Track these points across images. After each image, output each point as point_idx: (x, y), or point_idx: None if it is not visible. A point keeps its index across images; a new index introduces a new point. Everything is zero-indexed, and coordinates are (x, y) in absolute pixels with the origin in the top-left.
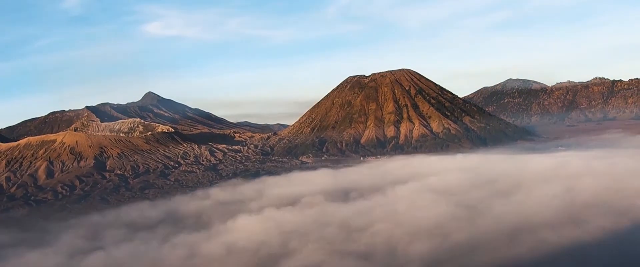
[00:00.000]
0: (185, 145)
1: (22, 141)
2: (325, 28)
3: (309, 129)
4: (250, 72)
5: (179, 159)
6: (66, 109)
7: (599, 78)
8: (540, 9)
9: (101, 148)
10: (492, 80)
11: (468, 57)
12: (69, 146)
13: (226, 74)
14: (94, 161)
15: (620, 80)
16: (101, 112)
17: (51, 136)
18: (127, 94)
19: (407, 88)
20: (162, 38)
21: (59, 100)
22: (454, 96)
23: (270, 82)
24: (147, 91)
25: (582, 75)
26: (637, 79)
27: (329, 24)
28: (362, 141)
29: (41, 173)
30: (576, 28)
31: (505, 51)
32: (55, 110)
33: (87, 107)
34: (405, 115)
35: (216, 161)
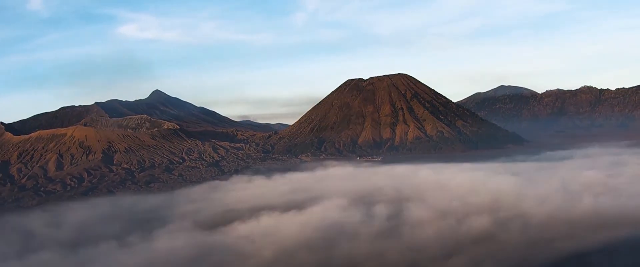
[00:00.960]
0: (189, 141)
1: (34, 134)
2: (301, 34)
3: (309, 129)
4: (242, 75)
5: (183, 155)
6: (76, 105)
7: (587, 86)
8: (515, 18)
9: (109, 143)
10: (484, 86)
11: (435, 64)
12: (78, 139)
13: (225, 75)
14: (102, 155)
15: (608, 89)
16: (110, 108)
17: (61, 130)
18: (136, 91)
19: (403, 92)
20: (139, 40)
21: (61, 96)
22: (448, 101)
23: (256, 82)
24: (154, 89)
25: (571, 83)
26: (623, 88)
27: (304, 29)
28: (359, 141)
29: (51, 165)
30: (563, 36)
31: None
32: (65, 105)
33: (96, 103)
34: (400, 118)
35: (219, 157)
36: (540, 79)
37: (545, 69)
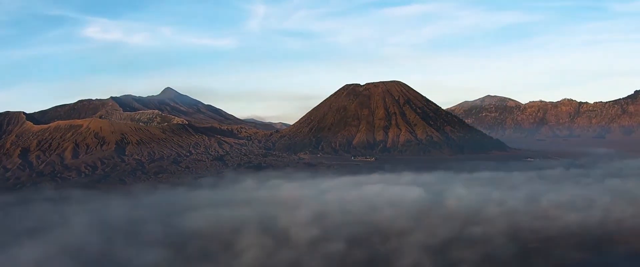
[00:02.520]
0: (196, 136)
1: (53, 124)
2: (262, 39)
3: (308, 129)
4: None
5: (190, 149)
6: (93, 98)
7: (568, 99)
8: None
9: (122, 135)
10: (472, 95)
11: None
12: (93, 131)
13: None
14: (115, 146)
15: (586, 102)
16: (124, 102)
17: (78, 121)
18: (149, 87)
19: (396, 98)
20: (104, 42)
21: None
22: (438, 107)
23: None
24: (166, 87)
25: (553, 95)
26: (601, 102)
27: (264, 35)
28: (354, 142)
29: (68, 154)
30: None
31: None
32: (83, 98)
33: (112, 97)
34: (393, 122)
35: (223, 152)
36: (517, 90)
37: (503, 80)
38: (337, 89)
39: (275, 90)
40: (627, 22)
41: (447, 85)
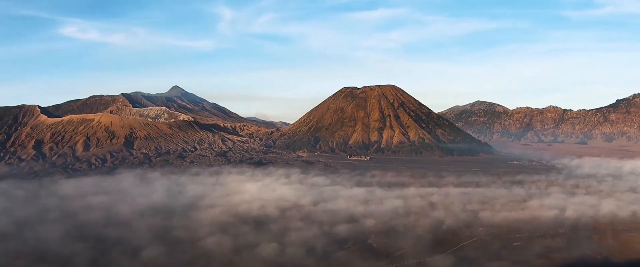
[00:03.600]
0: (201, 133)
1: (66, 118)
2: (236, 41)
3: (307, 128)
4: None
5: (195, 144)
6: (104, 94)
7: (553, 106)
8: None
9: (131, 129)
10: (463, 100)
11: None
12: (104, 125)
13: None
14: (124, 140)
15: (570, 110)
16: (134, 99)
17: (90, 116)
18: (158, 85)
19: (391, 101)
20: (85, 41)
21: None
22: (430, 111)
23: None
24: (173, 85)
25: (539, 102)
26: (584, 110)
27: (237, 38)
28: (350, 142)
29: (79, 146)
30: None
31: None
32: (95, 94)
33: (122, 94)
34: (387, 124)
35: (226, 148)
36: (505, 96)
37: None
38: (335, 91)
39: (260, 91)
40: (591, 32)
41: (428, 91)
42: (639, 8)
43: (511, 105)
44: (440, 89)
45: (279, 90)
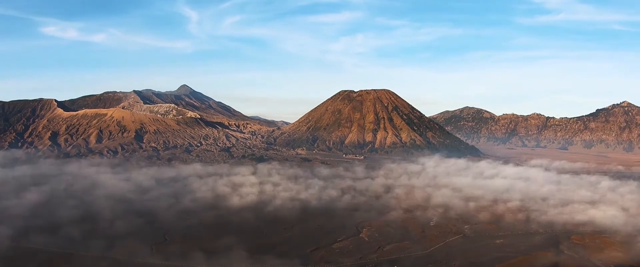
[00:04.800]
0: (207, 129)
1: (80, 112)
2: (213, 43)
3: (306, 128)
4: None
5: (201, 140)
6: (117, 90)
7: (537, 113)
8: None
9: (141, 124)
10: (453, 105)
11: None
12: (116, 119)
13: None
14: (134, 134)
15: (553, 117)
16: (145, 96)
17: (103, 110)
18: (168, 83)
19: (385, 104)
20: (69, 40)
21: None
22: (422, 115)
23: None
24: (182, 84)
25: (523, 109)
26: (566, 117)
27: (210, 39)
28: (346, 142)
29: (92, 138)
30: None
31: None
32: (108, 90)
33: (134, 90)
34: (381, 126)
35: (230, 144)
36: (494, 103)
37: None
38: (333, 94)
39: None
40: (558, 41)
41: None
42: (591, 15)
43: (498, 112)
44: (413, 95)
45: (268, 91)
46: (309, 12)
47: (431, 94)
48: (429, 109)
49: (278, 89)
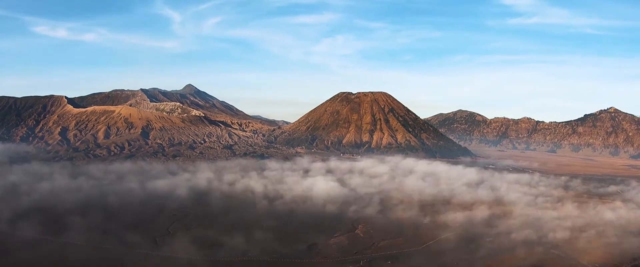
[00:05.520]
0: (210, 127)
1: (89, 109)
2: (201, 43)
3: (305, 127)
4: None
5: (204, 137)
6: (125, 88)
7: (527, 117)
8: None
9: (148, 121)
10: (447, 108)
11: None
12: (124, 116)
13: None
14: (141, 131)
15: (543, 122)
16: (151, 94)
17: (111, 107)
18: (173, 82)
19: (382, 106)
20: (60, 39)
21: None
22: (417, 117)
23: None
24: (187, 83)
25: (514, 112)
26: (555, 122)
27: (197, 39)
28: (344, 141)
29: (100, 134)
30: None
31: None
32: (116, 88)
33: (141, 89)
34: (378, 127)
35: (232, 142)
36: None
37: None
38: (331, 96)
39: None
40: (536, 45)
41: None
42: (564, 20)
43: (490, 115)
44: (403, 97)
45: (255, 92)
46: (287, 13)
47: (420, 96)
48: (423, 112)
49: (267, 89)
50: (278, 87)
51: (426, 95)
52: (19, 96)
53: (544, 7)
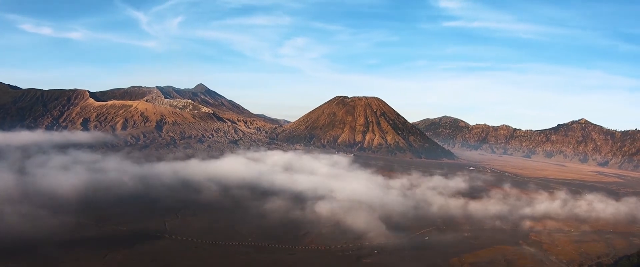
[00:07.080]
0: (218, 123)
1: (109, 102)
2: (175, 43)
3: (304, 127)
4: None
5: (213, 132)
6: (142, 85)
7: (505, 125)
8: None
9: (162, 116)
10: (433, 113)
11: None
12: (140, 111)
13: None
14: (155, 124)
15: (520, 129)
16: (166, 91)
17: (129, 102)
18: (186, 81)
19: (375, 110)
20: (49, 37)
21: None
22: (406, 121)
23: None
24: (198, 82)
25: (494, 120)
26: (531, 130)
27: (171, 40)
28: (339, 141)
29: (118, 126)
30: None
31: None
32: (134, 85)
33: (157, 86)
34: (370, 128)
35: (237, 137)
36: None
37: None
38: (329, 98)
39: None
40: (491, 51)
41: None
42: (498, 24)
43: (472, 121)
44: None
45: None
46: (241, 14)
47: (396, 100)
48: (410, 117)
49: (240, 89)
50: (247, 87)
51: (404, 99)
52: (46, 89)
53: (479, 11)
